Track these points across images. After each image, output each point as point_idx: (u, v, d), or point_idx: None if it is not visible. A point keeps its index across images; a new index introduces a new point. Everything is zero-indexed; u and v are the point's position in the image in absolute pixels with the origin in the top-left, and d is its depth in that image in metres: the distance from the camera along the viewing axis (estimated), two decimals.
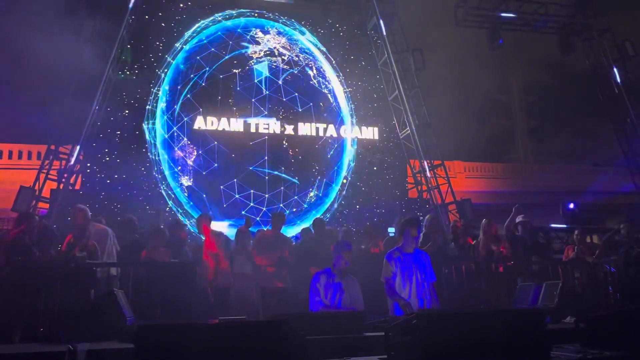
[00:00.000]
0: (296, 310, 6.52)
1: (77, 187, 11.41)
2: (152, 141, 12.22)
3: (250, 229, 8.22)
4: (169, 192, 12.07)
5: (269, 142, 12.60)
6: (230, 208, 11.98)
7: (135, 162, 11.71)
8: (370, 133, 13.44)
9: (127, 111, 11.97)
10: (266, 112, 12.78)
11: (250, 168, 12.34)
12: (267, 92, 12.85)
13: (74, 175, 11.03)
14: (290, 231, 11.46)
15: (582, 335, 3.54)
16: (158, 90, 12.42)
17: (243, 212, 11.71)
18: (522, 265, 6.94)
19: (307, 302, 5.27)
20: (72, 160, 10.77)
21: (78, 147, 10.83)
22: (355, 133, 13.34)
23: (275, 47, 13.34)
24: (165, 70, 12.55)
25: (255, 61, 12.99)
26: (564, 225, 11.35)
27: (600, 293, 6.55)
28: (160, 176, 12.05)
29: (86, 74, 11.00)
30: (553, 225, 10.37)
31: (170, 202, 11.98)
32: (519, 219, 7.99)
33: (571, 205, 12.88)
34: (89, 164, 11.49)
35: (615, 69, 14.35)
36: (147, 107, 12.26)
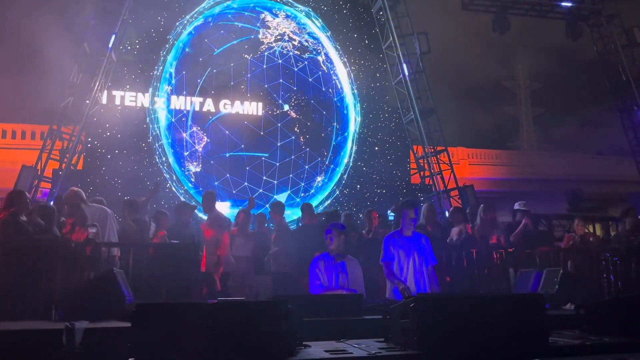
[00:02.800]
0: None
1: (80, 167, 11.43)
2: (156, 125, 12.21)
3: (252, 211, 8.20)
4: (172, 174, 12.09)
5: (280, 130, 12.63)
6: (239, 194, 12.01)
7: (136, 139, 11.76)
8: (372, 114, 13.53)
9: (128, 89, 11.97)
10: (280, 101, 12.76)
11: (264, 157, 12.34)
12: (281, 80, 12.78)
13: (76, 155, 11.03)
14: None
15: (582, 321, 3.52)
16: (161, 71, 12.36)
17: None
18: (523, 252, 6.92)
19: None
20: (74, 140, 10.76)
21: (80, 128, 10.82)
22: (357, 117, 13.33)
23: (285, 33, 13.24)
24: (168, 51, 12.47)
25: (267, 46, 12.90)
26: (566, 213, 11.32)
27: (601, 281, 6.54)
28: (163, 159, 12.07)
29: (88, 53, 10.95)
30: (555, 212, 10.35)
31: (172, 185, 12.00)
32: (518, 205, 7.96)
33: (573, 194, 12.85)
34: (89, 139, 11.53)
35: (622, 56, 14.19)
36: (150, 89, 12.23)
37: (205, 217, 7.92)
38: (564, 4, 14.20)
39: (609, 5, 14.42)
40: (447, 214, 10.17)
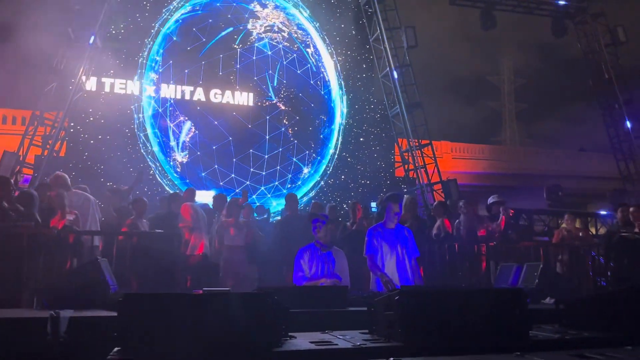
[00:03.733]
0: None
1: (62, 154, 11.28)
2: (141, 114, 12.08)
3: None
4: (156, 163, 11.98)
5: (269, 122, 12.60)
6: (226, 186, 11.97)
7: (120, 124, 11.64)
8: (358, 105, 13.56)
9: (118, 77, 11.83)
10: (270, 93, 12.71)
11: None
12: (270, 72, 12.73)
13: (59, 141, 10.88)
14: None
15: (561, 316, 3.60)
16: (146, 58, 12.22)
17: (238, 190, 11.72)
18: (504, 247, 7.02)
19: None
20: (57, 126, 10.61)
21: (63, 114, 10.66)
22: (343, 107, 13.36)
23: (275, 24, 13.17)
24: (154, 38, 12.32)
25: (256, 37, 12.82)
26: (547, 209, 11.48)
27: (581, 276, 6.67)
28: (148, 149, 11.96)
29: (73, 39, 10.77)
30: (537, 208, 10.51)
31: (156, 172, 11.91)
32: (492, 199, 8.04)
33: (552, 189, 13.02)
34: (72, 124, 11.39)
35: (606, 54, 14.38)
36: (135, 76, 12.08)
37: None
38: (550, 1, 14.33)
39: (595, 4, 14.60)
40: (430, 207, 10.26)
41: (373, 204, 11.05)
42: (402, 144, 13.27)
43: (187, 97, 12.23)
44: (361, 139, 13.74)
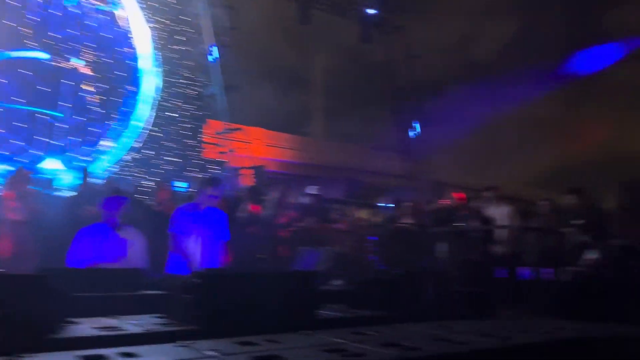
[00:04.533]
0: None
1: None
2: None
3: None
4: None
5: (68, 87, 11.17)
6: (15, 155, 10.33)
7: None
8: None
9: None
10: (71, 56, 11.22)
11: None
12: (69, 30, 11.26)
13: None
14: None
15: (348, 297, 3.94)
16: None
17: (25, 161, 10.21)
18: (305, 232, 7.43)
19: None
20: None
21: None
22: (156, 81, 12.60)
23: None
24: None
25: None
26: (344, 199, 12.48)
27: (367, 261, 7.41)
28: None
29: None
30: (334, 197, 11.35)
31: None
32: (311, 190, 8.52)
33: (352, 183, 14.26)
34: None
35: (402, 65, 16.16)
36: None
37: None
38: (361, 8, 15.52)
39: (398, 17, 16.22)
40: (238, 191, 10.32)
41: (180, 184, 10.71)
42: (214, 125, 13.08)
43: None
44: (173, 115, 13.00)
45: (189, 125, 13.27)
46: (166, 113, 12.90)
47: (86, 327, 2.55)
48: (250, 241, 6.92)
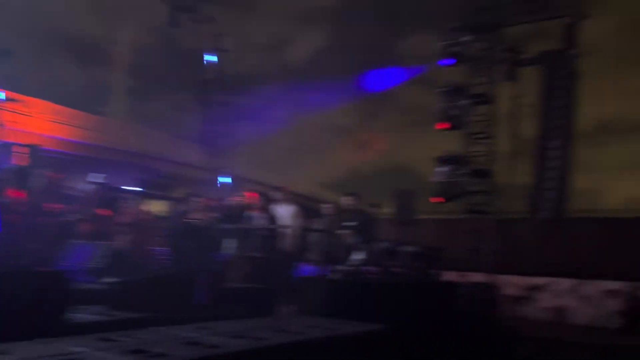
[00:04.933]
0: None
1: None
2: None
3: None
4: None
5: None
6: None
7: None
8: None
9: None
10: None
11: None
12: None
13: None
14: None
15: (111, 297, 3.66)
16: None
17: None
18: (80, 224, 6.78)
19: None
20: None
21: None
22: None
23: None
24: None
25: None
26: (135, 189, 11.70)
27: (148, 257, 7.03)
28: None
29: None
30: (124, 187, 10.56)
31: None
32: (97, 179, 7.82)
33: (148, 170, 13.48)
34: None
35: (211, 56, 15.82)
36: None
37: None
38: None
39: (209, 7, 15.78)
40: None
41: None
42: None
43: None
44: None
45: None
46: None
47: None
48: (6, 232, 6.02)
